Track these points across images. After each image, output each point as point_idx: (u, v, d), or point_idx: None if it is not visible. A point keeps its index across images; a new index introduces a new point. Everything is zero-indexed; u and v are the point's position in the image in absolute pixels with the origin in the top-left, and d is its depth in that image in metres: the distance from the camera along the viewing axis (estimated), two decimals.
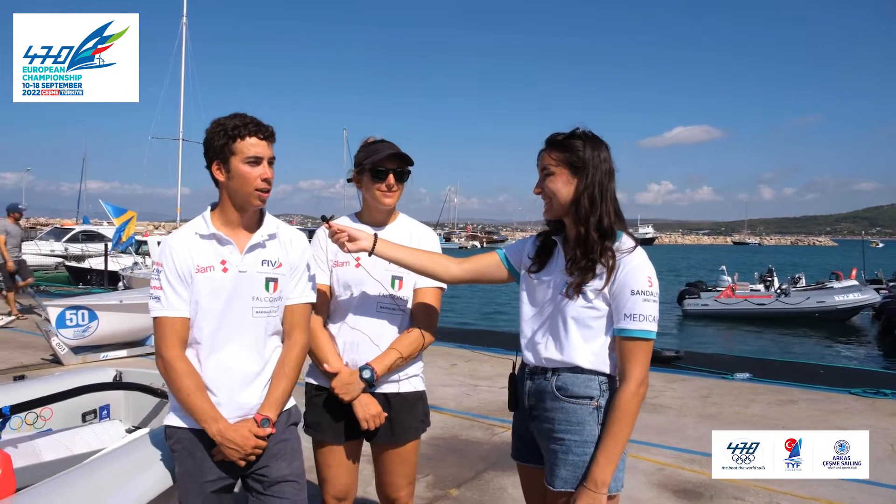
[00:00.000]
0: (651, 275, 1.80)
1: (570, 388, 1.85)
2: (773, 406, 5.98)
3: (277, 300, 2.08)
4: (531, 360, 1.95)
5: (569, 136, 1.88)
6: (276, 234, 2.11)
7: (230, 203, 2.03)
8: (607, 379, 1.85)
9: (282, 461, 2.05)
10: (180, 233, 2.08)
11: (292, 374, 2.10)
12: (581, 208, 1.83)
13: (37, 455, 2.64)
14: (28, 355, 7.47)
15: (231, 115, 2.01)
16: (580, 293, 1.82)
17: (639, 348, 1.78)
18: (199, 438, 2.00)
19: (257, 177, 1.99)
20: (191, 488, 2.02)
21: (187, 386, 1.96)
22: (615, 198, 1.88)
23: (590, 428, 1.81)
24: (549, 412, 1.88)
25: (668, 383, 6.79)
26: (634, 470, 4.17)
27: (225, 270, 2.01)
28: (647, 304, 1.77)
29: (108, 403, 3.33)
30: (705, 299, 19.55)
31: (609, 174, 1.86)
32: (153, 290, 2.01)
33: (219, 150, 1.98)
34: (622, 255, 1.81)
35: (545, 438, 1.90)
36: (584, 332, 1.84)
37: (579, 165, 1.83)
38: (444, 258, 2.18)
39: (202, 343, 2.01)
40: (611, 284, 1.80)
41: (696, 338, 15.86)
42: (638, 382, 1.77)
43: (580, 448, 1.80)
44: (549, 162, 1.88)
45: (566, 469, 1.81)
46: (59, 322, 6.67)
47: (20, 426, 2.97)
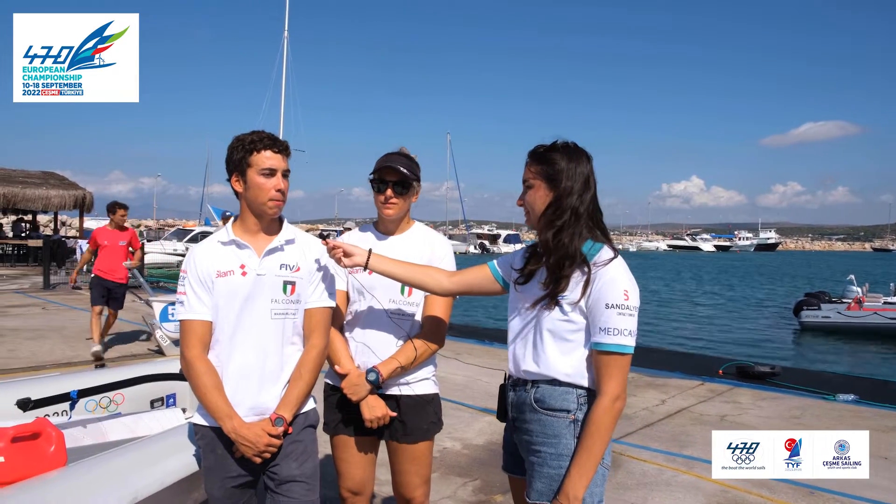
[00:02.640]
0: (628, 288, 1.76)
1: (547, 400, 1.83)
2: (875, 433, 5.44)
3: (296, 303, 2.17)
4: (513, 372, 1.96)
5: (548, 148, 1.88)
6: (294, 240, 2.22)
7: (249, 212, 2.16)
8: (586, 392, 1.82)
9: (292, 461, 2.13)
10: (205, 242, 2.23)
11: (308, 377, 2.18)
12: (552, 220, 1.82)
13: (103, 435, 2.92)
14: (138, 346, 8.25)
15: (250, 132, 2.15)
16: (556, 305, 1.80)
17: (614, 362, 1.74)
18: (218, 436, 2.12)
19: (272, 188, 2.10)
20: (214, 481, 2.16)
21: (205, 384, 2.08)
22: (593, 210, 1.86)
23: (566, 441, 1.79)
24: (528, 424, 1.87)
25: (757, 401, 6.37)
26: (696, 490, 3.98)
27: (244, 274, 2.12)
28: (622, 317, 1.73)
29: (174, 392, 3.63)
30: (827, 311, 17.85)
31: (585, 186, 1.84)
32: (179, 296, 2.17)
33: (237, 162, 2.12)
34: (598, 268, 1.78)
35: (524, 450, 1.90)
36: (562, 345, 1.82)
37: (555, 178, 1.83)
38: (437, 271, 2.22)
39: (223, 344, 2.12)
40: (587, 297, 1.77)
41: (808, 353, 14.64)
42: (613, 397, 1.73)
43: (555, 461, 1.79)
44: (529, 175, 1.89)
45: (541, 482, 1.80)
46: (162, 316, 7.28)
47: (95, 409, 3.31)
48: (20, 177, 23.44)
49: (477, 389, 6.46)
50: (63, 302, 12.65)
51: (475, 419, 5.40)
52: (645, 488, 4.01)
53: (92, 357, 7.13)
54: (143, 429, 3.08)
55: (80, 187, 24.09)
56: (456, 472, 4.21)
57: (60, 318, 10.56)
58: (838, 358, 14.66)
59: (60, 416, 3.08)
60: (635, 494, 3.91)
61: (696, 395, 6.56)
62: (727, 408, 6.06)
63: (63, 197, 23.16)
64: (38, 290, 14.80)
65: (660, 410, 5.91)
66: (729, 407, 6.09)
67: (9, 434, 2.25)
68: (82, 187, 24.13)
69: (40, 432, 2.33)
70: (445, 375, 6.97)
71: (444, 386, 6.53)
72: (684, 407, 6.04)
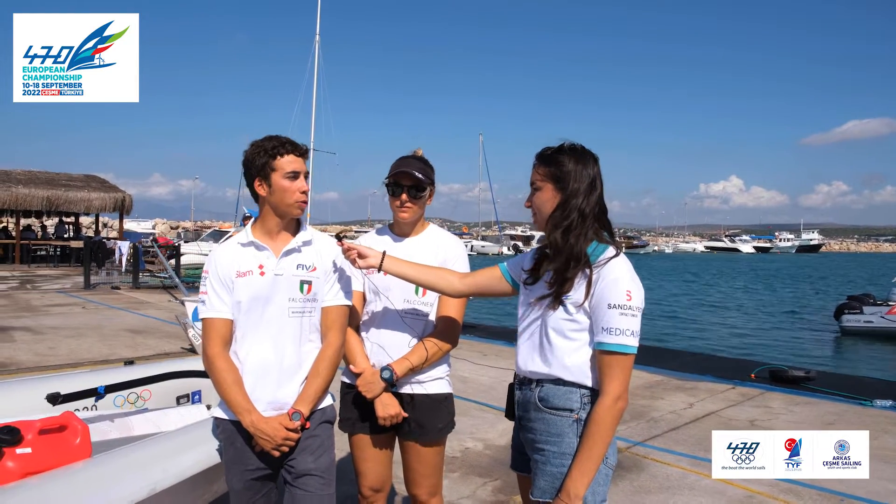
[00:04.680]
0: (631, 288, 1.76)
1: (551, 399, 1.85)
2: None
3: (312, 301, 2.23)
4: (519, 371, 1.97)
5: (556, 150, 1.90)
6: (310, 241, 2.28)
7: (272, 214, 2.22)
8: (589, 392, 1.82)
9: (308, 455, 2.18)
10: (226, 244, 2.31)
11: (325, 374, 2.23)
12: (557, 221, 1.84)
13: (129, 429, 3.01)
14: (171, 344, 8.46)
15: (266, 137, 2.21)
16: (560, 305, 1.81)
17: (616, 362, 1.74)
18: (238, 430, 2.18)
19: (296, 190, 2.17)
20: (234, 474, 2.22)
21: (224, 380, 2.15)
22: (598, 211, 1.87)
23: (568, 440, 1.79)
24: (533, 422, 1.89)
25: (790, 405, 6.21)
26: (720, 495, 3.91)
27: (262, 274, 2.19)
28: (624, 318, 1.73)
29: (199, 389, 3.72)
30: (869, 315, 17.19)
31: (591, 187, 1.85)
32: (201, 295, 2.24)
33: (260, 167, 2.17)
34: (600, 268, 1.79)
35: (530, 449, 1.92)
36: (566, 345, 1.82)
37: (563, 180, 1.84)
38: (449, 273, 2.25)
39: (243, 341, 2.19)
40: (590, 298, 1.78)
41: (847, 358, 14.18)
42: (615, 397, 1.73)
43: (558, 459, 1.80)
44: (536, 177, 1.91)
45: (545, 480, 1.81)
46: (194, 315, 7.45)
47: (123, 404, 3.42)
48: (63, 180, 24.26)
49: (502, 391, 6.41)
50: (103, 301, 13.05)
51: (499, 420, 5.39)
52: (667, 492, 3.95)
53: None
54: (168, 424, 3.16)
55: (120, 190, 24.81)
56: (476, 472, 4.22)
57: (99, 316, 10.90)
58: (880, 364, 14.18)
59: (89, 410, 3.19)
60: (657, 498, 3.87)
61: (726, 398, 6.44)
62: (757, 412, 5.94)
63: (104, 199, 23.90)
64: (78, 289, 15.29)
65: (687, 414, 5.81)
66: (759, 411, 5.96)
67: (36, 427, 2.35)
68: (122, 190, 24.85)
69: (66, 425, 2.42)
70: (472, 376, 7.00)
71: (470, 387, 6.59)
72: (713, 411, 5.94)
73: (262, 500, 2.24)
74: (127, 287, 15.96)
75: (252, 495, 2.21)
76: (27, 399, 2.97)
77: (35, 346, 8.11)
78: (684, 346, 12.94)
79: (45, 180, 23.66)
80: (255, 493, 2.22)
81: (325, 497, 2.17)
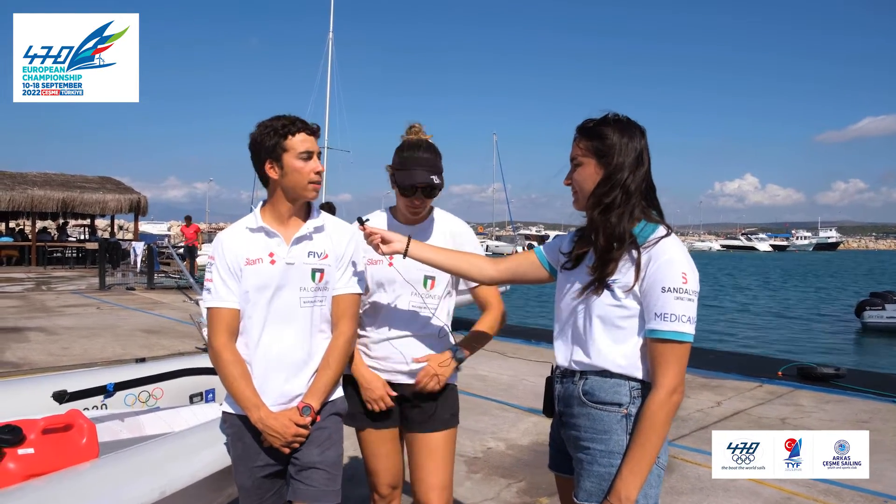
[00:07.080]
0: (687, 270, 1.60)
1: (597, 393, 1.68)
2: None
3: (324, 290, 2.11)
4: (560, 363, 1.80)
5: (599, 122, 1.72)
6: (322, 226, 2.15)
7: (283, 198, 2.09)
8: (640, 385, 1.66)
9: (314, 447, 2.06)
10: (232, 228, 2.17)
11: (336, 366, 2.12)
12: (602, 198, 1.67)
13: (140, 429, 2.89)
14: (185, 344, 8.37)
15: (274, 116, 2.07)
16: (606, 289, 1.65)
17: (671, 351, 1.57)
18: (245, 425, 2.07)
19: (311, 170, 2.04)
20: (242, 471, 2.11)
21: (231, 373, 2.03)
22: (646, 187, 1.70)
23: (617, 437, 1.63)
24: (576, 419, 1.72)
25: (821, 404, 6.00)
26: (755, 496, 3.74)
27: (273, 262, 2.06)
28: (680, 302, 1.56)
29: (213, 387, 3.60)
30: (891, 311, 16.91)
31: (638, 162, 1.68)
32: (206, 283, 2.12)
33: (271, 149, 2.04)
34: (650, 249, 1.62)
35: (572, 447, 1.75)
36: (613, 333, 1.66)
37: (607, 154, 1.68)
38: (480, 258, 2.10)
39: (251, 332, 2.07)
40: (640, 281, 1.61)
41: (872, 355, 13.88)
42: (670, 390, 1.56)
43: (605, 459, 1.63)
44: (578, 152, 1.74)
45: (590, 481, 1.65)
46: None
47: (134, 403, 3.29)
48: (79, 182, 24.40)
49: (522, 389, 6.30)
50: (117, 302, 13.04)
51: (520, 419, 5.24)
52: (700, 493, 3.78)
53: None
54: (181, 423, 3.04)
55: (135, 192, 24.91)
56: (500, 473, 4.07)
57: (113, 317, 10.86)
58: None
59: (99, 409, 3.07)
60: (690, 499, 3.70)
61: (754, 397, 6.23)
62: (787, 410, 5.74)
63: (119, 201, 24.01)
64: (93, 290, 15.29)
65: (715, 412, 5.63)
66: (790, 410, 5.76)
67: (39, 426, 2.22)
68: (137, 192, 24.94)
69: (72, 424, 2.30)
70: (490, 375, 6.84)
71: (489, 385, 6.44)
72: (741, 409, 5.74)
73: (272, 497, 2.13)
74: (142, 288, 15.95)
75: (262, 493, 2.11)
76: (33, 397, 2.85)
77: (49, 346, 8.06)
78: (707, 343, 12.66)
79: (60, 182, 23.79)
80: (266, 491, 2.11)
81: (329, 493, 2.05)
